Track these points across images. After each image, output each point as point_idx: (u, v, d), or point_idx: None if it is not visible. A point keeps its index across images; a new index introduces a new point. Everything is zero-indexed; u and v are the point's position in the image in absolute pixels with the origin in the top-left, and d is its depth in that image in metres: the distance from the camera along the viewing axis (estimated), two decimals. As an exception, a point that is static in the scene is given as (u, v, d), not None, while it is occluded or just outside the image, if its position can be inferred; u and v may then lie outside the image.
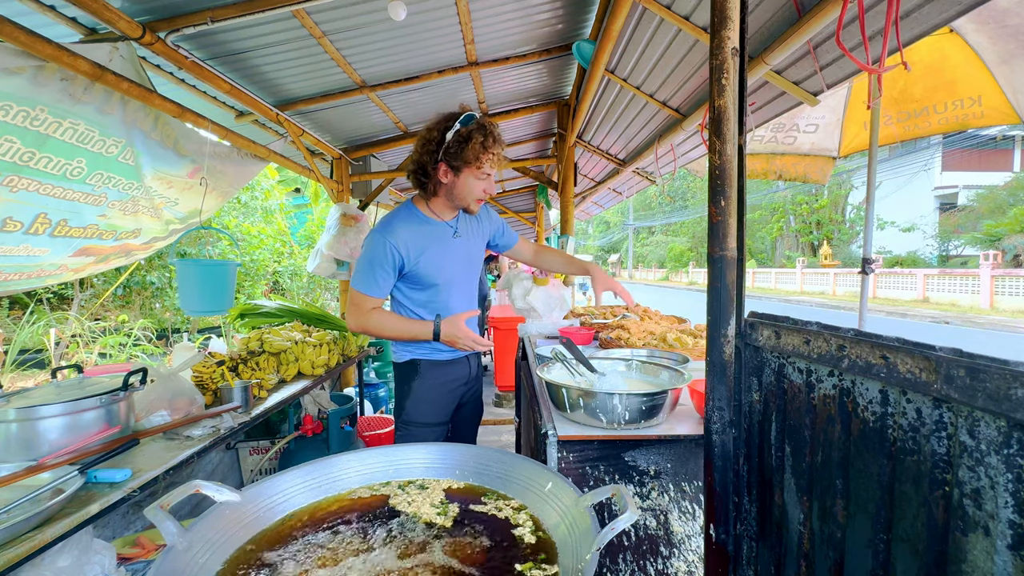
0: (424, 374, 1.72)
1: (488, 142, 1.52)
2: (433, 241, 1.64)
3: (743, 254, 0.86)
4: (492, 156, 1.55)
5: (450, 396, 1.76)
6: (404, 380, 1.74)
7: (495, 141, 1.54)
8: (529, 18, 2.88)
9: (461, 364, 1.80)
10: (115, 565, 1.25)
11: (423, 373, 1.72)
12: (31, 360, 5.71)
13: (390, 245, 1.57)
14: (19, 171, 1.80)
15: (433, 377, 1.73)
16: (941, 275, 16.30)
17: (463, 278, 1.74)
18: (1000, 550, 0.46)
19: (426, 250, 1.62)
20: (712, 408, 0.89)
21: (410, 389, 1.72)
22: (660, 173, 4.16)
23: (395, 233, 1.59)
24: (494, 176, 1.61)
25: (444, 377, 1.74)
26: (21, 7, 1.71)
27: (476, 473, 0.90)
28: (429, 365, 1.73)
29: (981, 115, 2.95)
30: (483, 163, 1.54)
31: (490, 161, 1.55)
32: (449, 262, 1.67)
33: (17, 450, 1.23)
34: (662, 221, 44.07)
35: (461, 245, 1.71)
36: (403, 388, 1.75)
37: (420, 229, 1.63)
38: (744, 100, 0.86)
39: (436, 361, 1.74)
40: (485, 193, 1.61)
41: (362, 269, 1.60)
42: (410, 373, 1.72)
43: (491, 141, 1.53)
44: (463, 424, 1.88)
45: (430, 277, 1.64)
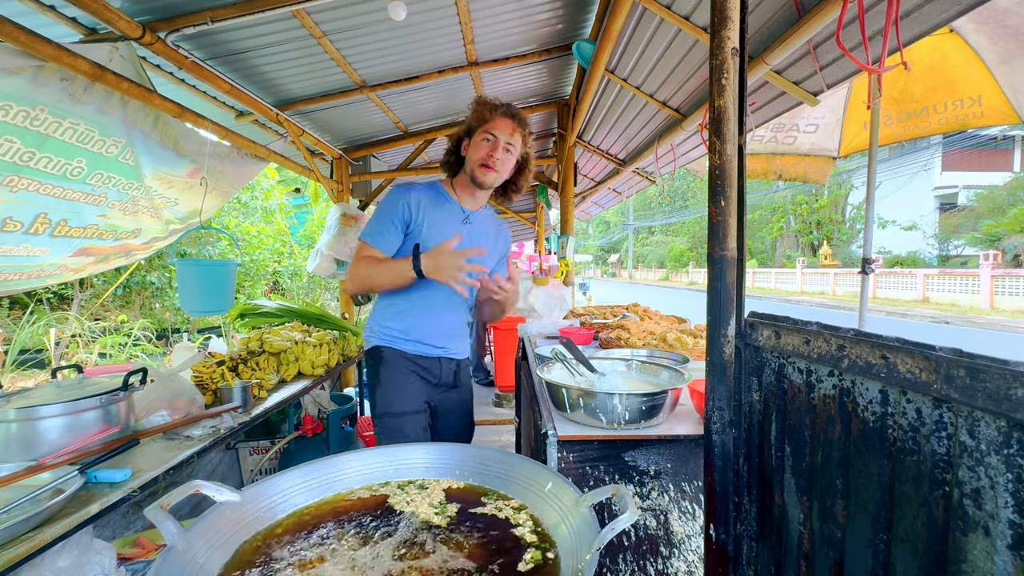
0: (390, 361, 1.63)
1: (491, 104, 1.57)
2: (444, 217, 1.61)
3: (743, 254, 0.86)
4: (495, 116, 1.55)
5: (421, 387, 1.65)
6: (372, 370, 1.66)
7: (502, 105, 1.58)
8: (529, 18, 2.88)
9: (431, 363, 1.67)
10: (115, 565, 1.25)
11: (388, 360, 1.63)
12: (31, 360, 5.71)
13: (403, 200, 1.56)
14: (19, 171, 1.80)
15: (400, 365, 1.63)
16: (941, 275, 16.30)
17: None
18: (1000, 550, 0.46)
19: (435, 221, 1.59)
20: (712, 408, 0.89)
21: (378, 379, 1.63)
22: (660, 173, 4.16)
23: (413, 192, 1.59)
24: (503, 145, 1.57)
25: (411, 366, 1.64)
26: (21, 7, 1.71)
27: (476, 473, 0.90)
28: (394, 353, 1.64)
29: (981, 115, 2.95)
30: (489, 123, 1.55)
31: (493, 122, 1.56)
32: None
33: (17, 450, 1.22)
34: (662, 221, 44.08)
35: (468, 234, 1.64)
36: (372, 379, 1.66)
37: (437, 200, 1.62)
38: (744, 100, 0.86)
39: (401, 352, 1.64)
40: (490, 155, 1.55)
41: (371, 220, 1.60)
42: (376, 361, 1.65)
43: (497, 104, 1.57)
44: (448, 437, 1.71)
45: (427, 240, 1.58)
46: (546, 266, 5.70)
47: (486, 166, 1.56)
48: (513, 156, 1.62)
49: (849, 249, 24.74)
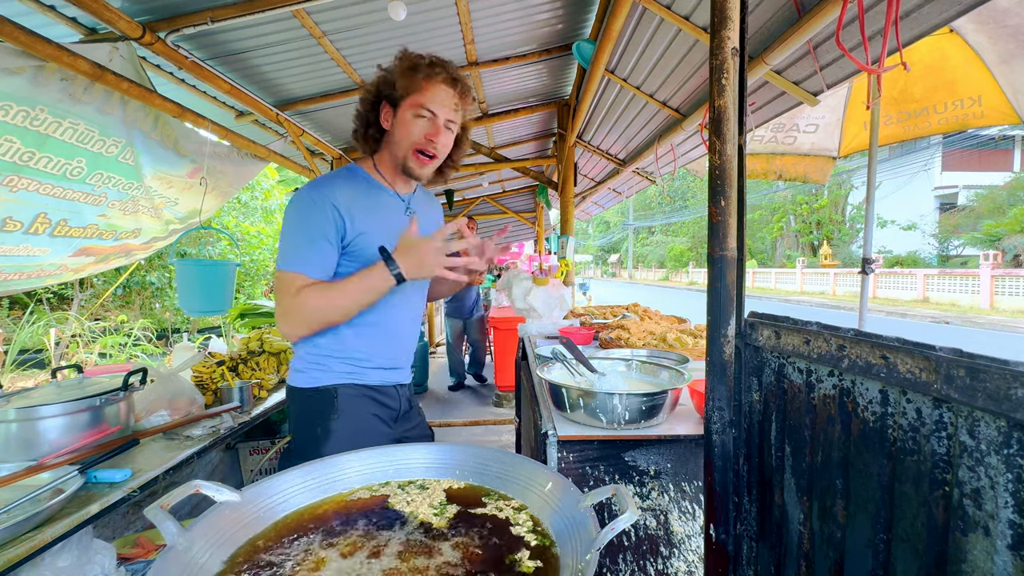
0: (345, 408, 1.22)
1: (425, 65, 1.16)
2: (380, 210, 1.24)
3: (743, 254, 0.86)
4: (433, 84, 1.16)
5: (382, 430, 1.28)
6: (314, 418, 1.21)
7: (438, 65, 1.17)
8: (529, 18, 2.88)
9: (391, 396, 1.32)
10: (115, 565, 1.25)
11: (343, 407, 1.22)
12: (31, 360, 5.71)
13: (328, 205, 1.14)
14: (19, 171, 1.80)
15: (357, 413, 1.23)
16: (941, 275, 16.31)
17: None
18: (1000, 550, 0.46)
19: (372, 218, 1.21)
20: (712, 408, 0.89)
21: (328, 432, 1.20)
22: (660, 173, 4.16)
23: (333, 189, 1.17)
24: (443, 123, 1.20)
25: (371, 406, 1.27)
26: (21, 7, 1.71)
27: (476, 473, 0.90)
28: (353, 393, 1.23)
29: (981, 115, 2.95)
30: (424, 92, 1.16)
31: (431, 93, 1.16)
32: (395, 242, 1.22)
33: (17, 450, 1.23)
34: (662, 221, 44.09)
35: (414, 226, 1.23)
36: (312, 430, 1.21)
37: (365, 190, 1.23)
38: (744, 100, 0.86)
39: (363, 387, 1.25)
40: (428, 140, 1.18)
41: (286, 243, 1.15)
42: (324, 407, 1.22)
43: (433, 65, 1.17)
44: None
45: (358, 253, 1.19)
46: (546, 266, 5.71)
47: (423, 153, 1.20)
48: (453, 132, 1.26)
49: (849, 249, 24.76)
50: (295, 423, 1.26)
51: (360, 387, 1.25)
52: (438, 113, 1.19)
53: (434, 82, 1.17)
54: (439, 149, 1.22)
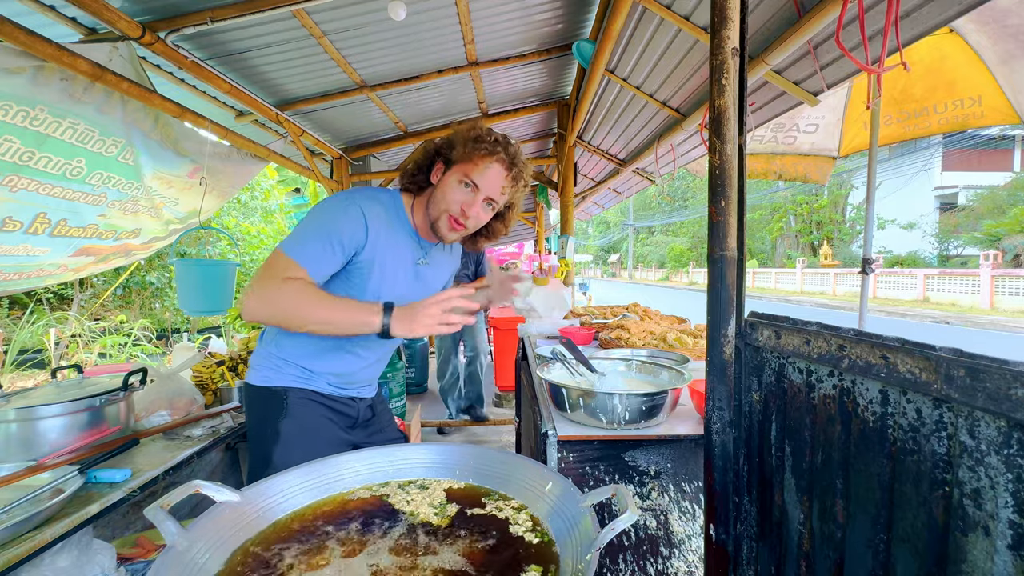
0: (294, 411, 1.23)
1: (488, 142, 1.17)
2: (398, 247, 1.25)
3: (743, 254, 0.86)
4: (487, 162, 1.17)
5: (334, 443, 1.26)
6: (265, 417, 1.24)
7: (499, 145, 1.19)
8: (529, 18, 2.88)
9: (346, 405, 1.34)
10: (115, 565, 1.25)
11: (292, 410, 1.23)
12: (31, 360, 5.71)
13: (359, 213, 1.16)
14: (19, 171, 1.80)
15: (307, 416, 1.25)
16: (941, 275, 16.31)
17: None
18: (1000, 550, 0.46)
19: (387, 251, 1.22)
20: (712, 408, 0.89)
21: (276, 433, 1.21)
22: (660, 173, 4.16)
23: (373, 205, 1.19)
24: (483, 200, 1.20)
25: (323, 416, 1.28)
26: (21, 7, 1.71)
27: (476, 473, 0.90)
28: (302, 398, 1.25)
29: (981, 115, 2.95)
30: (477, 165, 1.17)
31: (482, 168, 1.17)
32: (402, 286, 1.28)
33: (17, 450, 1.23)
34: (662, 221, 44.09)
35: (424, 276, 1.34)
36: (263, 429, 1.23)
37: (395, 221, 1.25)
38: (744, 100, 0.86)
39: (313, 393, 1.27)
40: (463, 211, 1.19)
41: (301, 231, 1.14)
42: (273, 407, 1.23)
43: (493, 143, 1.18)
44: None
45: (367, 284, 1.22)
46: (546, 266, 5.70)
47: (456, 221, 1.20)
48: (493, 211, 1.26)
49: (849, 249, 24.77)
50: (248, 421, 1.31)
51: (310, 391, 1.26)
52: (482, 188, 1.19)
53: (489, 160, 1.18)
54: (470, 222, 1.22)
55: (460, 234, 1.24)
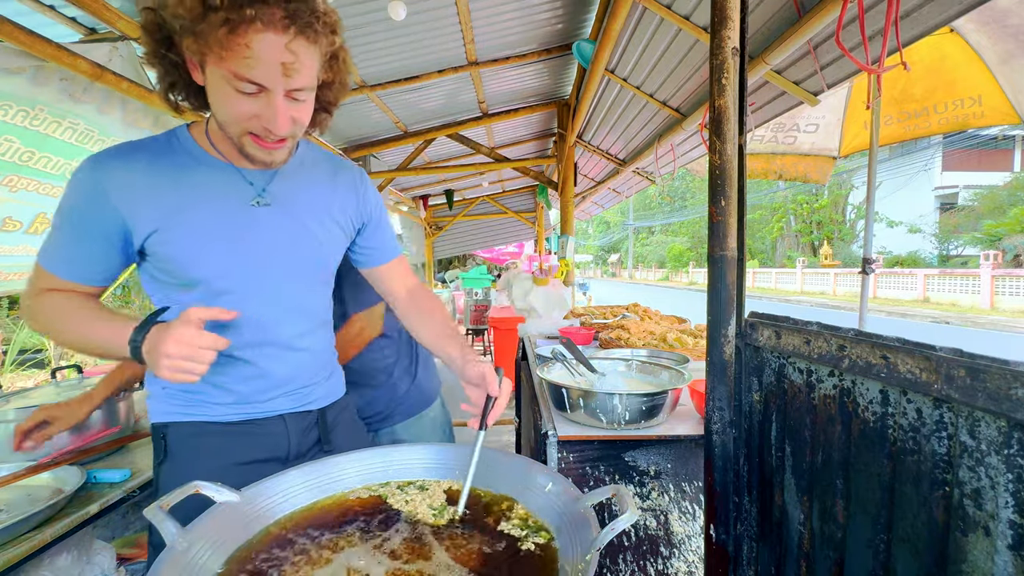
0: (176, 453, 0.90)
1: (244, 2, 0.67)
2: (202, 199, 0.84)
3: (743, 254, 0.86)
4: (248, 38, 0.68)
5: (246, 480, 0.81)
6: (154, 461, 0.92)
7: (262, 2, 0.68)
8: (529, 18, 2.88)
9: (266, 430, 0.93)
10: (115, 565, 1.25)
11: (174, 451, 0.90)
12: (31, 360, 5.72)
13: (100, 190, 0.79)
14: (19, 171, 1.80)
15: (194, 458, 0.89)
16: (941, 275, 16.31)
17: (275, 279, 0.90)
18: (1000, 550, 0.46)
19: (182, 209, 0.82)
20: (712, 408, 0.89)
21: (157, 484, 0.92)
22: (660, 173, 4.17)
23: (115, 168, 0.81)
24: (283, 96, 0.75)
25: (221, 458, 0.90)
26: (21, 7, 1.71)
27: (476, 473, 0.90)
28: (187, 435, 0.90)
29: (981, 115, 2.95)
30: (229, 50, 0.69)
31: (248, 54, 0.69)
32: (235, 244, 0.86)
33: (17, 450, 1.23)
34: (662, 221, 44.11)
35: (270, 220, 0.89)
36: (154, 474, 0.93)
37: (180, 169, 0.84)
38: (744, 100, 0.86)
39: (205, 425, 0.90)
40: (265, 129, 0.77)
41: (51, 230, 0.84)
42: (155, 450, 0.92)
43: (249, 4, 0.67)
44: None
45: (184, 267, 0.84)
46: (546, 266, 5.70)
47: (263, 141, 0.79)
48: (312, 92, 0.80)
49: (849, 249, 24.76)
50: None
51: (198, 426, 0.90)
52: (269, 83, 0.72)
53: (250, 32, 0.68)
54: (288, 130, 0.78)
55: (284, 149, 0.82)
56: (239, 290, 0.88)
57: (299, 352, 0.96)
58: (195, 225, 0.83)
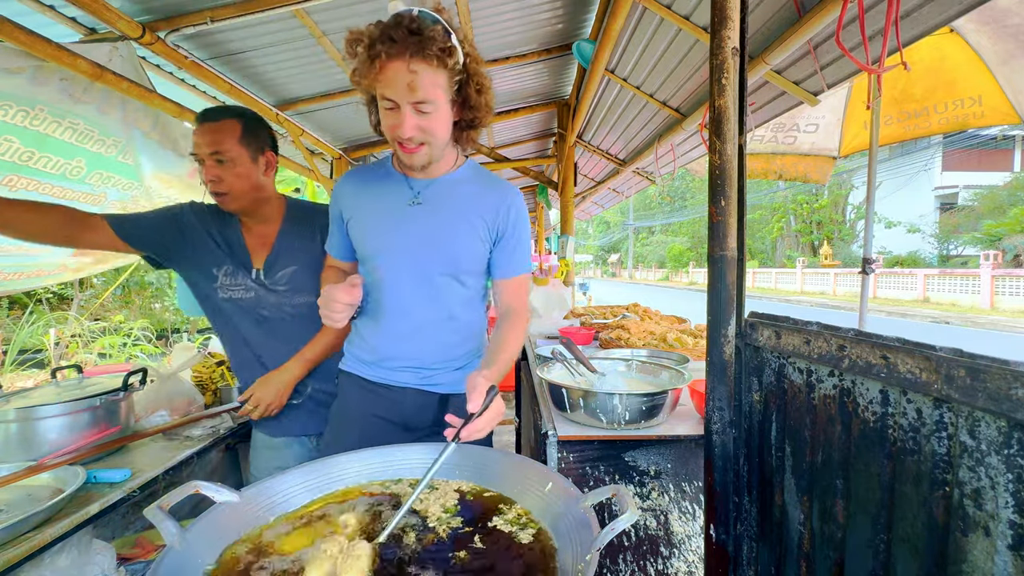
0: (346, 392, 1.23)
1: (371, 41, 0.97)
2: (377, 197, 1.17)
3: (743, 254, 0.86)
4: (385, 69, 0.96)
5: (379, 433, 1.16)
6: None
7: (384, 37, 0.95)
8: (529, 18, 2.88)
9: (392, 395, 1.18)
10: (115, 565, 1.25)
11: (344, 390, 1.24)
12: (31, 360, 5.72)
13: (337, 183, 1.23)
14: (18, 170, 1.80)
15: (353, 400, 1.21)
16: (941, 275, 16.31)
17: (415, 265, 1.14)
18: (1000, 550, 0.46)
19: (363, 206, 1.17)
20: (712, 408, 0.89)
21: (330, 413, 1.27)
22: (660, 173, 4.17)
23: (346, 177, 1.23)
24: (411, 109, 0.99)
25: (364, 407, 1.19)
26: (21, 7, 1.71)
27: (476, 473, 0.90)
28: (350, 380, 1.22)
29: (981, 115, 2.95)
30: (379, 80, 0.98)
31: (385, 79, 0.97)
32: (391, 233, 1.14)
33: (17, 450, 1.22)
34: (662, 221, 44.09)
35: (420, 216, 1.14)
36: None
37: (374, 179, 1.20)
38: (744, 100, 0.86)
39: (358, 378, 1.21)
40: (395, 133, 1.03)
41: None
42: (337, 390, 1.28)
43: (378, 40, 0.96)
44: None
45: (359, 245, 1.18)
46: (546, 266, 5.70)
47: (401, 146, 1.05)
48: (440, 106, 1.02)
49: (849, 249, 24.76)
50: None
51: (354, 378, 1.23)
52: (399, 99, 0.98)
53: (385, 65, 0.96)
54: (417, 134, 1.02)
55: (421, 153, 1.06)
56: (388, 267, 1.15)
57: (423, 336, 1.17)
58: (366, 215, 1.16)
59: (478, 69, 1.07)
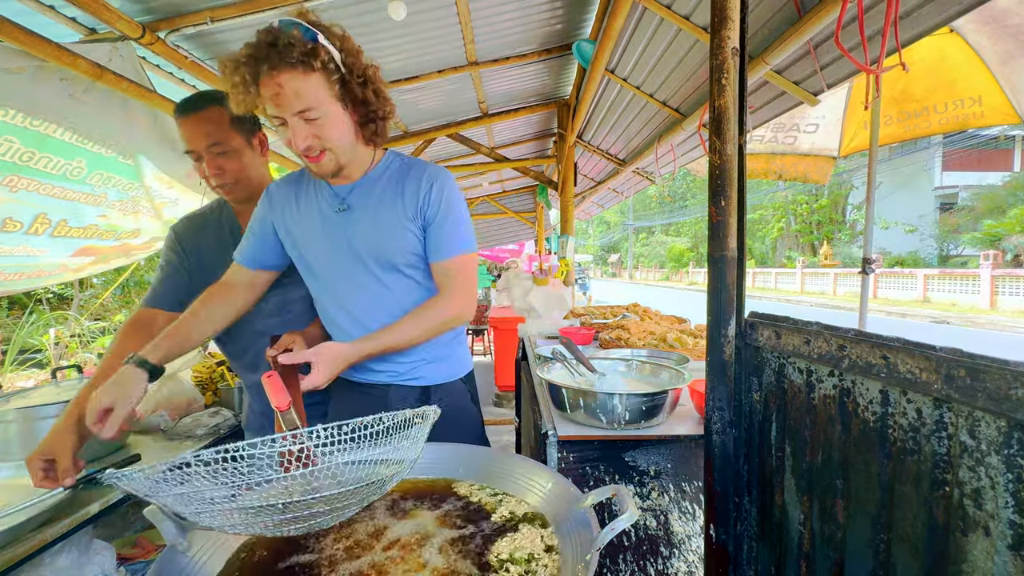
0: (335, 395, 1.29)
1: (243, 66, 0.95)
2: (305, 210, 1.16)
3: (743, 254, 0.86)
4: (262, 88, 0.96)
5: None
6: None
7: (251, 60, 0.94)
8: (529, 18, 2.88)
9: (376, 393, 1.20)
10: (115, 565, 1.25)
11: (334, 394, 1.29)
12: (31, 360, 5.72)
13: (265, 193, 1.21)
14: (19, 171, 1.80)
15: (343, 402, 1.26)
16: (941, 275, 16.30)
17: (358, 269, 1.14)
18: (1000, 550, 0.46)
19: (292, 216, 1.17)
20: (712, 408, 0.89)
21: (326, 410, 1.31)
22: (660, 173, 4.17)
23: (276, 187, 1.21)
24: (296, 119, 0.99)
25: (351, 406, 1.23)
26: (21, 7, 1.71)
27: (477, 473, 0.90)
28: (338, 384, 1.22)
29: (981, 115, 2.95)
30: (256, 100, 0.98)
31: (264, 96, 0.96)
32: (326, 243, 1.14)
33: (17, 450, 1.22)
34: (662, 221, 44.09)
35: (350, 222, 1.13)
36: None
37: (300, 188, 1.19)
38: (744, 100, 0.86)
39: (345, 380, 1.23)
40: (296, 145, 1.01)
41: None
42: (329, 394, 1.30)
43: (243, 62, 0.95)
44: None
45: (298, 258, 1.19)
46: (546, 266, 5.71)
47: (305, 156, 1.04)
48: (326, 110, 1.00)
49: (849, 249, 24.75)
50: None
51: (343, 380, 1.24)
52: (283, 113, 0.98)
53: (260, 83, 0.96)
54: (315, 144, 1.01)
55: (326, 160, 1.04)
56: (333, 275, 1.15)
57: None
58: (294, 228, 1.16)
59: (358, 61, 1.03)
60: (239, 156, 1.28)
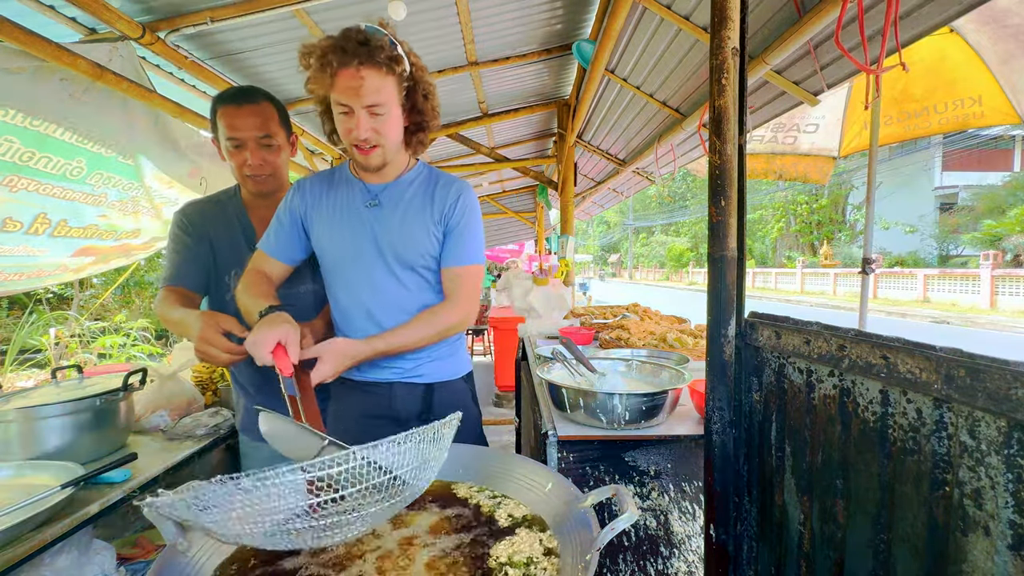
0: (335, 395, 1.29)
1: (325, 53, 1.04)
2: (335, 203, 1.23)
3: (743, 254, 0.86)
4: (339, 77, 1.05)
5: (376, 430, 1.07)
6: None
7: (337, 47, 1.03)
8: (529, 18, 2.88)
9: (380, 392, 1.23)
10: (115, 565, 1.25)
11: (334, 394, 1.29)
12: (31, 360, 5.72)
13: (295, 187, 1.26)
14: (19, 171, 1.80)
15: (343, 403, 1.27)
16: (941, 275, 16.30)
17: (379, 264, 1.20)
18: (1000, 550, 0.46)
19: (327, 212, 1.22)
20: (712, 408, 0.89)
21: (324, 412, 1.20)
22: (660, 173, 4.17)
23: (307, 180, 1.27)
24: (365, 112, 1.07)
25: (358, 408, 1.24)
26: (21, 7, 1.71)
27: (477, 474, 0.90)
28: (338, 383, 1.23)
29: (981, 115, 2.95)
30: (334, 87, 1.07)
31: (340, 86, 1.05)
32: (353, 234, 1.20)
33: (17, 450, 1.22)
34: (662, 221, 44.09)
35: (378, 217, 1.20)
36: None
37: (332, 184, 1.25)
38: (744, 100, 0.86)
39: (348, 381, 1.25)
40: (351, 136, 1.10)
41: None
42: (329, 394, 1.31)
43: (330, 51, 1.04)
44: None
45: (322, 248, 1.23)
46: (546, 266, 5.71)
47: (357, 148, 1.12)
48: (390, 109, 1.10)
49: (849, 249, 24.74)
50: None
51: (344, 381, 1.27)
52: (354, 104, 1.06)
53: (339, 73, 1.05)
54: (371, 137, 1.10)
55: (375, 155, 1.13)
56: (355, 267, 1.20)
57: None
58: (332, 220, 1.21)
59: (424, 77, 1.17)
60: (280, 151, 1.37)
